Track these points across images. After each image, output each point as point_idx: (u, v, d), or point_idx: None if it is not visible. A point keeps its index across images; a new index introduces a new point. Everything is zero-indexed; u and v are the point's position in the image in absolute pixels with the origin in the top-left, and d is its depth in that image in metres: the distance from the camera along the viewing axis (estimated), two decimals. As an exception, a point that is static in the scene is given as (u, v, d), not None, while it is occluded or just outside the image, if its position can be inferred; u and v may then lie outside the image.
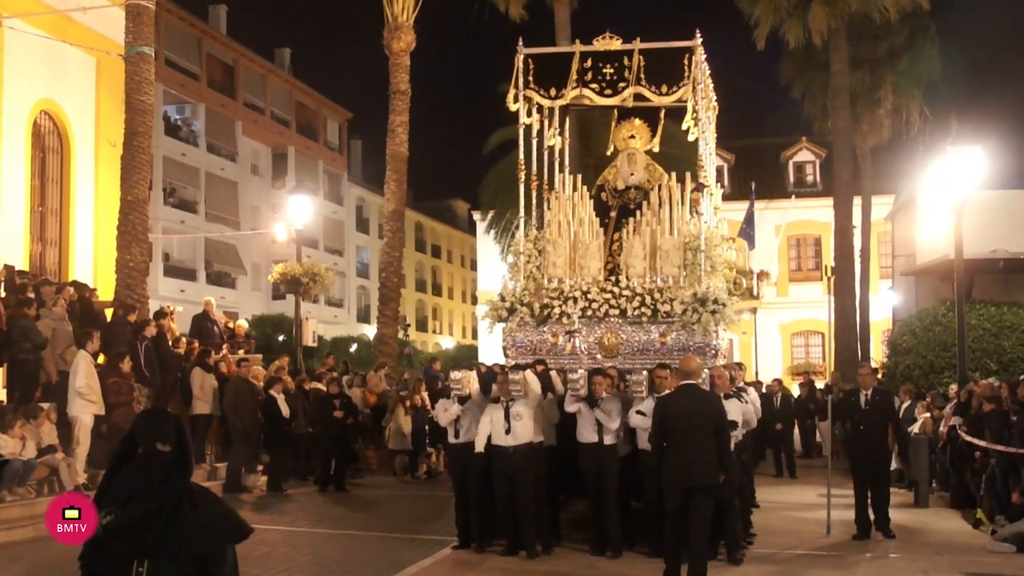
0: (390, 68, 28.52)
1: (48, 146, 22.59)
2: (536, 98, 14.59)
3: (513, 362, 13.63)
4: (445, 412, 12.95)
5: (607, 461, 12.11)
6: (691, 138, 14.58)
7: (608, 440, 12.10)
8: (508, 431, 12.02)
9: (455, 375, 13.17)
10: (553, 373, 13.16)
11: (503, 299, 13.99)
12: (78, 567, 4.54)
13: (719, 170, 40.07)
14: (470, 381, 13.06)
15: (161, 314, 19.61)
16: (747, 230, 26.20)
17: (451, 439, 13.09)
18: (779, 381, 26.44)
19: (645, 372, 12.21)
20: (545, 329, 13.76)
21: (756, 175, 38.62)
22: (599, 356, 13.49)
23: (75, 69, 22.84)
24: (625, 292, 13.41)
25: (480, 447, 12.25)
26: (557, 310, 13.60)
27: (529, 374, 12.49)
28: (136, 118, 20.71)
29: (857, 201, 33.12)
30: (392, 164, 28.56)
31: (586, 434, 12.20)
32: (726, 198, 31.84)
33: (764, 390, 23.06)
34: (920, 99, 34.14)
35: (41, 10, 21.54)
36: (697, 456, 9.81)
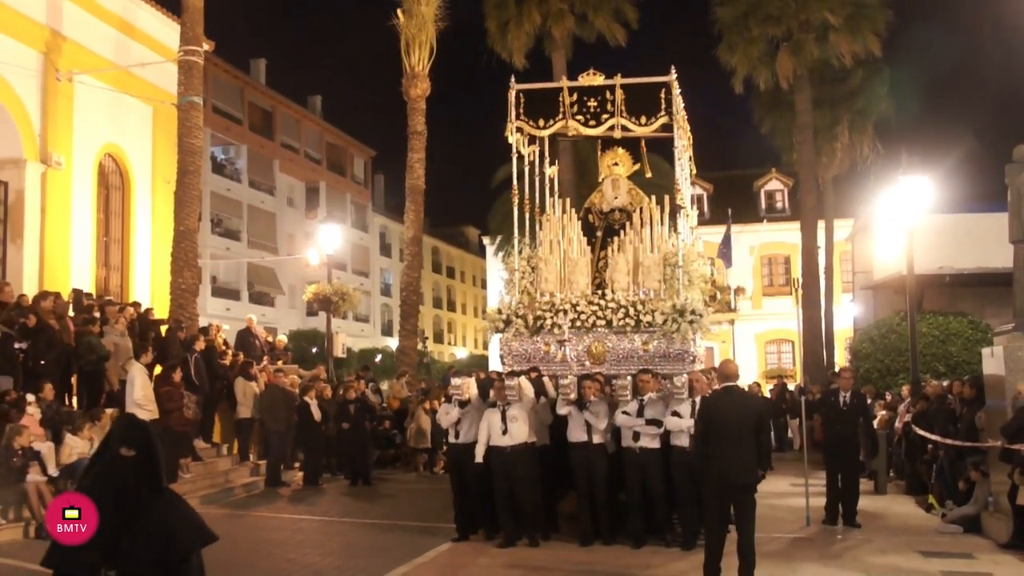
0: (408, 112, 28.65)
1: (112, 184, 22.70)
2: (526, 128, 14.37)
3: (509, 369, 13.44)
4: (447, 415, 12.75)
5: (595, 458, 11.95)
6: (681, 171, 14.36)
7: (596, 439, 11.93)
8: (505, 432, 11.87)
9: (455, 381, 12.97)
10: (546, 379, 12.92)
11: (500, 312, 13.83)
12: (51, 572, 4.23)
13: (699, 198, 40.11)
14: (469, 387, 12.82)
15: (204, 331, 19.68)
16: (725, 251, 26.33)
17: (451, 439, 12.87)
18: (757, 384, 26.47)
19: (629, 377, 12.13)
20: (538, 339, 13.55)
21: (732, 202, 38.67)
22: (588, 363, 13.27)
23: (134, 117, 22.98)
24: (611, 304, 13.24)
25: (480, 457, 12.00)
26: (549, 321, 13.43)
27: (523, 380, 12.27)
28: (187, 158, 20.86)
29: (821, 224, 33.15)
30: (411, 196, 28.66)
31: (576, 434, 12.03)
32: (706, 223, 31.98)
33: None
34: (873, 134, 34.20)
35: (106, 67, 21.70)
36: (742, 455, 9.32)
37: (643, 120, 13.78)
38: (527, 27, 31.26)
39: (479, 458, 11.99)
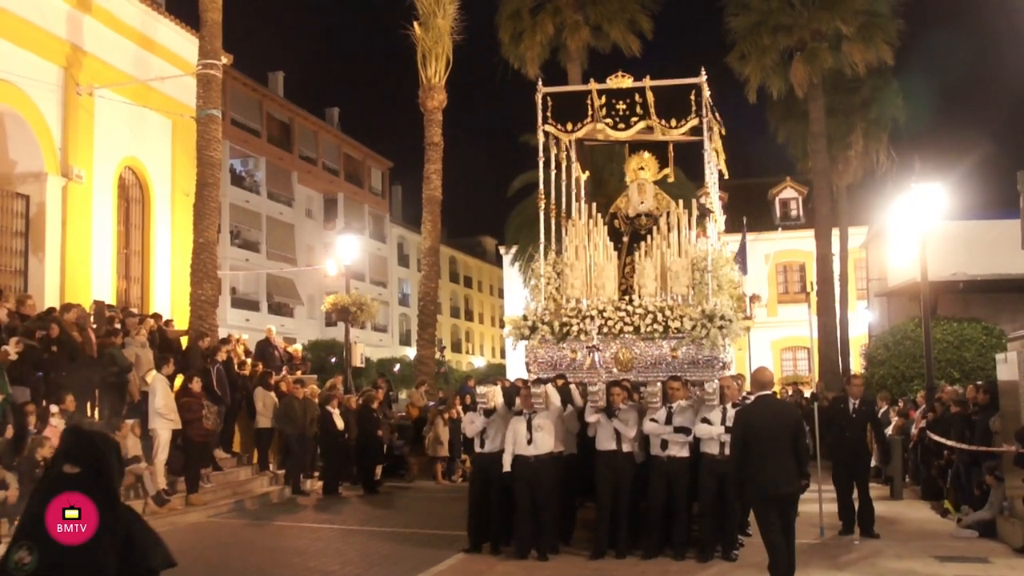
0: (425, 123, 28.69)
1: (132, 197, 22.83)
2: (554, 132, 14.20)
3: (535, 377, 13.16)
4: (472, 424, 12.48)
5: (623, 467, 11.66)
6: (710, 174, 14.15)
7: (625, 448, 11.65)
8: (530, 441, 11.58)
9: (481, 390, 12.69)
10: (572, 386, 12.68)
11: (525, 318, 13.55)
12: None
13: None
14: (495, 395, 12.50)
15: (225, 341, 19.76)
16: (739, 259, 26.21)
17: (477, 449, 12.53)
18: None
19: (659, 384, 11.77)
20: (564, 346, 13.26)
21: (747, 210, 38.51)
22: (615, 370, 12.96)
23: (154, 130, 23.12)
24: (638, 310, 13.02)
25: (507, 466, 11.73)
26: (575, 328, 13.16)
27: (549, 388, 12.04)
28: (206, 171, 20.94)
29: (835, 232, 33.13)
30: (428, 207, 28.70)
31: (605, 442, 11.74)
32: (721, 231, 31.86)
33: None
34: (887, 142, 34.14)
35: (125, 81, 21.84)
36: (781, 465, 9.11)
37: (674, 123, 13.56)
38: (540, 38, 31.35)
39: (507, 467, 11.73)
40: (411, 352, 48.32)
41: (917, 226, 19.13)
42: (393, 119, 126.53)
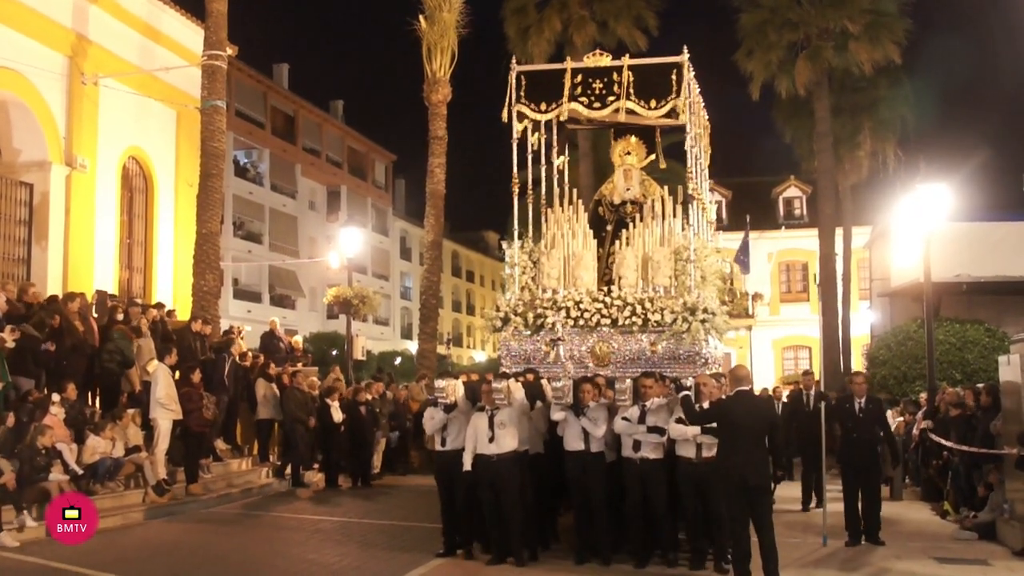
0: (429, 117, 28.65)
1: (135, 187, 22.86)
2: (527, 112, 13.47)
3: (504, 371, 12.44)
4: (431, 420, 11.65)
5: (593, 468, 10.89)
6: (694, 160, 13.43)
7: (595, 448, 10.87)
8: (492, 440, 10.82)
9: (439, 383, 11.68)
10: (544, 382, 11.83)
11: (498, 309, 12.92)
12: None
13: (717, 205, 39.96)
14: (454, 389, 11.60)
15: (228, 332, 19.73)
16: (743, 257, 26.24)
17: (438, 447, 11.68)
18: (772, 389, 26.30)
19: (629, 380, 11.01)
20: (538, 338, 12.62)
21: (750, 209, 38.52)
22: (591, 364, 12.34)
23: (158, 120, 23.14)
24: (616, 302, 12.35)
25: (468, 464, 11.01)
26: (550, 320, 12.48)
27: (512, 383, 11.16)
28: (210, 162, 20.97)
29: (839, 232, 33.14)
30: (431, 201, 28.68)
31: (572, 442, 10.97)
32: (724, 229, 31.81)
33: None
34: (894, 143, 34.12)
35: (130, 71, 21.86)
36: (752, 458, 9.19)
37: (652, 104, 12.85)
38: (547, 33, 31.34)
39: (467, 466, 11.03)
40: (412, 346, 48.25)
41: (921, 227, 19.09)
42: (397, 113, 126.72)
